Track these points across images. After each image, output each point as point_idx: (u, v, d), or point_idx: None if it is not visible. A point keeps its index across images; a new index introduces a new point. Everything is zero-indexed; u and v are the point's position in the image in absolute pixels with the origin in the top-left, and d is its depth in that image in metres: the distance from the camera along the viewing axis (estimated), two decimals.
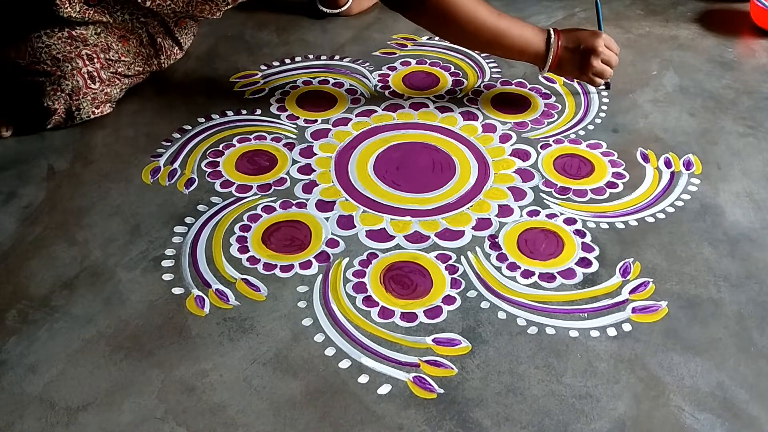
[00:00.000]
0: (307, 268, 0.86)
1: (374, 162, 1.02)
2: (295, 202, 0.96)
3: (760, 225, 0.92)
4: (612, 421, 0.70)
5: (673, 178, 0.99)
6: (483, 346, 0.77)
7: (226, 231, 0.91)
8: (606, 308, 0.82)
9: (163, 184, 0.99)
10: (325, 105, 1.14)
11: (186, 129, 1.09)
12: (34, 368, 0.75)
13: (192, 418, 0.71)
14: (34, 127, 1.07)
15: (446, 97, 1.15)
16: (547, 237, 0.91)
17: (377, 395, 0.73)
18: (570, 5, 1.41)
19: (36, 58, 1.03)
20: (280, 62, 1.24)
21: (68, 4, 1.01)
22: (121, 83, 1.11)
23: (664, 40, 1.31)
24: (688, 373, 0.74)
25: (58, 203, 0.96)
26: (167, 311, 0.81)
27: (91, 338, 0.78)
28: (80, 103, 1.06)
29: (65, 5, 1.01)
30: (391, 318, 0.80)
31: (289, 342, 0.78)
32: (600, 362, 0.76)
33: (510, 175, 1.00)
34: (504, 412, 0.71)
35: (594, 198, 0.96)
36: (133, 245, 0.89)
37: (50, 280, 0.85)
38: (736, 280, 0.84)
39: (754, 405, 0.71)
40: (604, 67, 1.05)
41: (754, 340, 0.78)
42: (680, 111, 1.12)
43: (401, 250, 0.89)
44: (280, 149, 1.05)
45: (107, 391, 0.73)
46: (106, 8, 1.05)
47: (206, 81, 1.19)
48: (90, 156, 1.04)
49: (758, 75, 1.21)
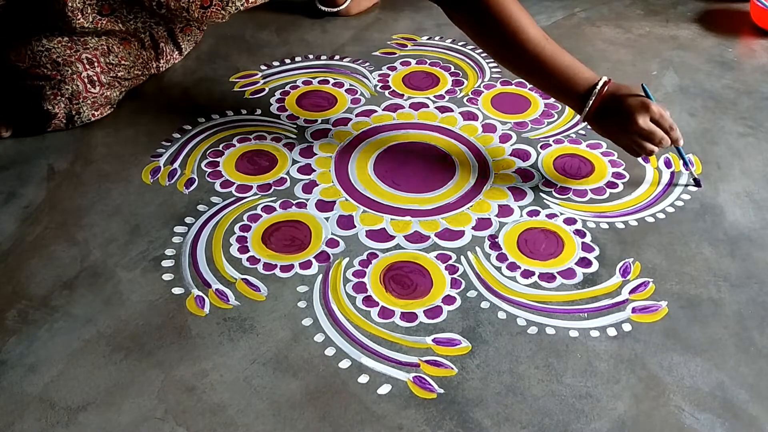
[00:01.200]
0: (307, 268, 0.86)
1: (374, 162, 1.02)
2: (295, 202, 0.96)
3: (760, 225, 0.92)
4: (612, 421, 0.70)
5: (673, 178, 0.99)
6: (483, 346, 0.77)
7: (226, 231, 0.91)
8: (606, 308, 0.82)
9: (163, 184, 0.99)
10: (325, 105, 1.14)
11: (186, 129, 1.09)
12: (34, 368, 0.75)
13: (192, 418, 0.71)
14: (34, 131, 1.07)
15: (446, 97, 1.15)
16: (547, 237, 0.91)
17: (377, 395, 0.73)
18: (570, 5, 1.41)
19: (36, 61, 1.03)
20: (280, 62, 1.24)
21: (81, 16, 1.01)
22: (120, 86, 1.11)
23: (664, 40, 1.31)
24: (688, 373, 0.74)
25: (58, 203, 0.96)
26: (167, 311, 0.81)
27: (91, 338, 0.78)
28: (80, 107, 1.06)
29: (78, 17, 1.01)
30: (391, 318, 0.80)
31: (289, 342, 0.78)
32: (600, 362, 0.76)
33: (510, 175, 1.00)
34: (504, 412, 0.71)
35: (594, 198, 0.96)
36: (133, 245, 0.89)
37: (50, 280, 0.85)
38: (736, 280, 0.84)
39: (754, 405, 0.71)
40: (653, 127, 0.90)
41: (754, 340, 0.78)
42: (680, 111, 1.12)
43: (401, 250, 0.89)
44: (280, 149, 1.05)
45: (107, 391, 0.73)
46: (119, 18, 1.05)
47: (206, 81, 1.19)
48: (90, 156, 1.04)
49: (758, 75, 1.21)
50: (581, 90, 0.92)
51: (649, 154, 0.92)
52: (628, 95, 0.90)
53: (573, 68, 0.92)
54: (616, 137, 0.94)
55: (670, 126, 0.91)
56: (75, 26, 1.02)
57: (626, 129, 0.90)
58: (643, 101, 0.89)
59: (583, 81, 0.92)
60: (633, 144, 0.92)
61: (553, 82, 0.93)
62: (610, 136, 0.94)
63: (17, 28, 1.04)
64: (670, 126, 0.91)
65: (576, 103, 0.93)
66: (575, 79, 0.92)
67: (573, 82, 0.92)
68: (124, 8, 1.04)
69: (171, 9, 1.03)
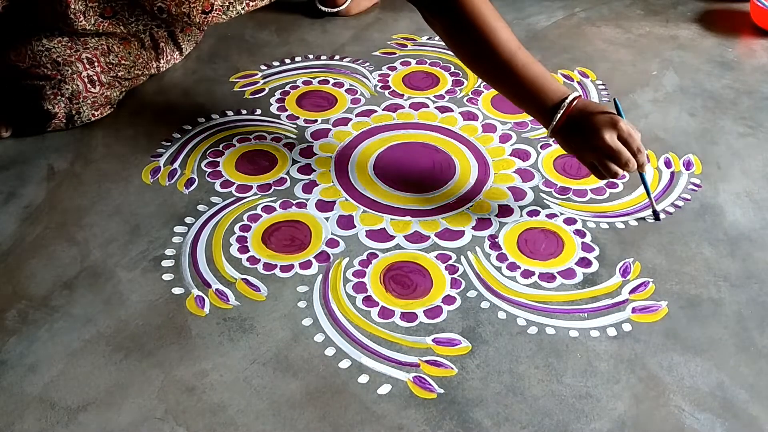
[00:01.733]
0: (307, 268, 0.86)
1: (374, 162, 1.02)
2: (295, 202, 0.96)
3: (760, 225, 0.92)
4: (612, 421, 0.70)
5: (673, 178, 0.99)
6: (483, 346, 0.77)
7: (226, 231, 0.91)
8: (606, 308, 0.82)
9: (163, 184, 0.99)
10: (325, 105, 1.14)
11: (186, 129, 1.09)
12: (34, 368, 0.75)
13: (192, 418, 0.71)
14: (34, 131, 1.07)
15: (446, 97, 1.15)
16: (547, 237, 0.91)
17: (377, 395, 0.73)
18: (570, 5, 1.41)
19: (36, 61, 1.03)
20: (280, 62, 1.24)
21: (83, 18, 1.01)
22: (121, 86, 1.11)
23: (664, 40, 1.31)
24: (688, 373, 0.74)
25: (58, 203, 0.96)
26: (167, 311, 0.81)
27: (91, 338, 0.78)
28: (80, 107, 1.06)
29: (80, 19, 1.01)
30: (391, 318, 0.80)
31: (289, 342, 0.78)
32: (600, 362, 0.76)
33: (510, 175, 1.00)
34: (504, 412, 0.71)
35: (594, 198, 0.96)
36: (133, 245, 0.89)
37: (50, 280, 0.85)
38: (736, 280, 0.84)
39: (754, 405, 0.71)
40: (620, 146, 0.84)
41: (754, 340, 0.78)
42: (680, 111, 1.12)
43: (401, 250, 0.89)
44: (280, 149, 1.05)
45: (107, 391, 0.73)
46: (121, 20, 1.05)
47: (206, 81, 1.19)
48: (90, 156, 1.04)
49: (758, 75, 1.21)
50: (549, 103, 0.87)
51: (613, 176, 0.86)
52: (598, 112, 0.85)
53: (544, 80, 0.88)
54: (582, 155, 0.88)
55: (638, 148, 0.85)
56: (77, 28, 1.02)
57: (592, 146, 0.85)
58: (613, 118, 0.85)
59: (552, 94, 0.87)
60: (598, 163, 0.86)
61: (523, 92, 0.89)
62: (576, 152, 0.89)
63: (17, 28, 1.04)
64: (638, 148, 0.85)
65: (544, 116, 0.89)
66: (545, 91, 0.88)
67: (543, 93, 0.88)
68: (126, 11, 1.04)
69: (172, 14, 1.03)
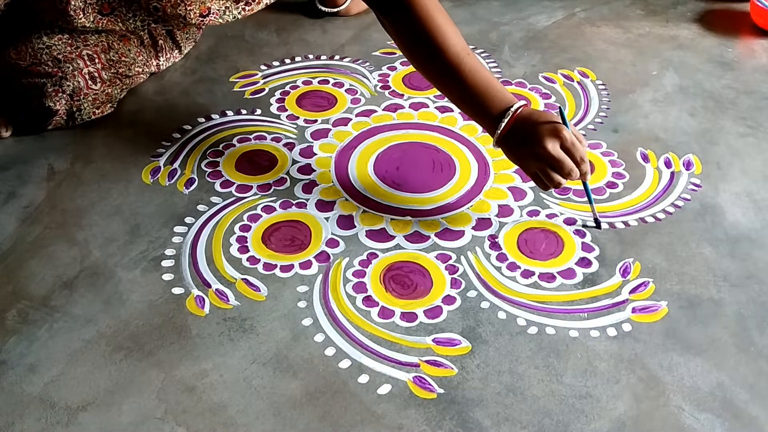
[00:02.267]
0: (307, 268, 0.86)
1: (374, 162, 1.02)
2: (295, 202, 0.96)
3: (760, 225, 0.92)
4: (612, 421, 0.70)
5: (673, 178, 0.99)
6: (483, 346, 0.77)
7: (226, 231, 0.91)
8: (606, 308, 0.82)
9: (163, 184, 0.99)
10: (325, 105, 1.14)
11: (186, 129, 1.09)
12: (34, 368, 0.75)
13: (192, 418, 0.71)
14: (35, 128, 1.07)
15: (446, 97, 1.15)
16: (547, 237, 0.91)
17: (377, 395, 0.73)
18: (570, 5, 1.41)
19: (37, 59, 1.03)
20: (280, 62, 1.24)
21: (82, 15, 1.02)
22: (121, 83, 1.11)
23: (664, 40, 1.31)
24: (688, 373, 0.74)
25: (58, 203, 0.96)
26: (167, 311, 0.81)
27: (91, 338, 0.78)
28: (81, 103, 1.06)
29: (79, 16, 1.01)
30: (391, 318, 0.80)
31: (289, 342, 0.78)
32: (600, 362, 0.76)
33: (510, 175, 1.00)
34: (504, 412, 0.71)
35: (594, 198, 0.96)
36: (133, 245, 0.89)
37: (50, 280, 0.85)
38: (736, 280, 0.84)
39: (754, 405, 0.71)
40: (562, 155, 0.83)
41: (754, 340, 0.78)
42: (680, 111, 1.12)
43: (401, 250, 0.89)
44: (280, 149, 1.05)
45: (107, 391, 0.73)
46: (119, 17, 1.05)
47: (206, 81, 1.19)
48: (90, 156, 1.04)
49: (758, 75, 1.21)
50: (495, 111, 0.86)
51: (556, 186, 0.84)
52: (542, 121, 0.84)
53: (490, 87, 0.86)
54: (525, 164, 0.86)
55: (581, 157, 0.83)
56: (76, 25, 1.02)
57: (534, 155, 0.83)
58: (556, 127, 0.83)
59: (498, 102, 0.86)
60: (541, 173, 0.84)
61: (469, 98, 0.87)
62: (519, 162, 0.87)
63: (18, 26, 1.04)
64: (581, 158, 0.84)
65: (489, 124, 0.87)
66: (491, 98, 0.86)
67: (489, 100, 0.86)
68: (124, 7, 1.04)
69: (167, 14, 1.03)
